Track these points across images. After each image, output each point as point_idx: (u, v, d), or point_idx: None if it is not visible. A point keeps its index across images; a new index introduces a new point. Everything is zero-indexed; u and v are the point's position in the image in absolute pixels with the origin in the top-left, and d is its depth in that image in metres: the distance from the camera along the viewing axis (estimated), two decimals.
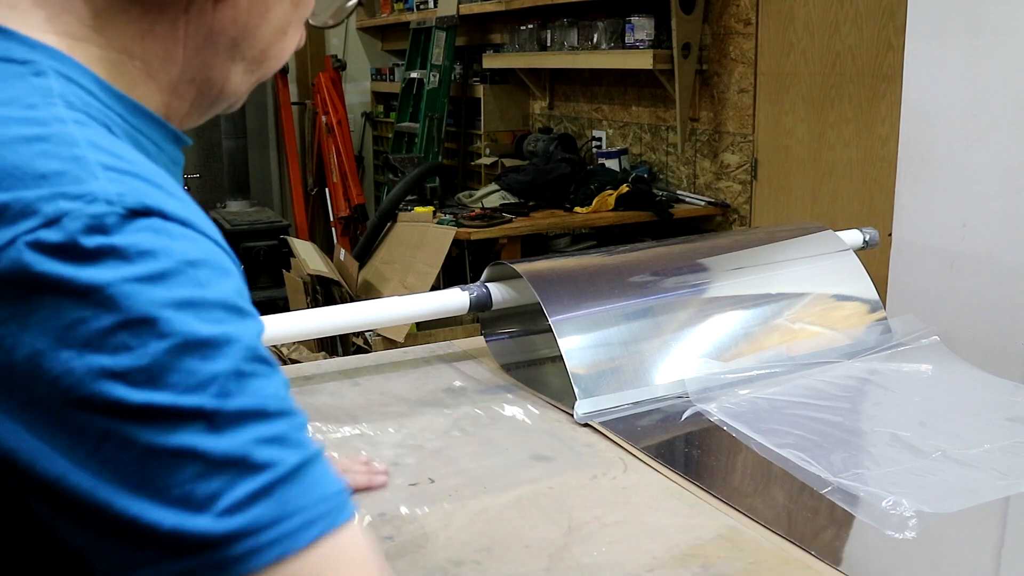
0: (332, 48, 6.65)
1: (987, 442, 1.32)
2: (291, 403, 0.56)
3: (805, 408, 1.45)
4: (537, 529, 1.11)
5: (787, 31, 3.53)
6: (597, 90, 4.80)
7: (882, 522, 1.11)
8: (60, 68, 0.59)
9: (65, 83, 0.58)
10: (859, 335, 1.70)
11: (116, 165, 0.54)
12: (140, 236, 0.52)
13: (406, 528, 1.11)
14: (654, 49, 3.91)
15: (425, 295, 1.69)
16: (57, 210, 0.50)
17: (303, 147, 6.62)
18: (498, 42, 5.25)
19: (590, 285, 1.59)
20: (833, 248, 1.84)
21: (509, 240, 3.83)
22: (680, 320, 1.60)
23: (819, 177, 3.45)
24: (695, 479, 1.23)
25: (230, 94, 0.73)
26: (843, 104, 3.32)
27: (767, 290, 1.71)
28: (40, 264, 0.49)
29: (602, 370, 1.49)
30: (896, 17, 3.01)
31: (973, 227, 2.23)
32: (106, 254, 0.50)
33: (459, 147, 5.66)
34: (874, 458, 1.29)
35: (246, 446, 0.52)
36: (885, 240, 2.33)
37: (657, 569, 1.02)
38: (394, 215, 4.13)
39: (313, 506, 0.53)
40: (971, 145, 2.22)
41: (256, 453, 0.52)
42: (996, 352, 2.14)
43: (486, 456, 1.29)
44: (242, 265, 1.21)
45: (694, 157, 4.13)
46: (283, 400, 0.56)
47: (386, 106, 6.55)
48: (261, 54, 0.72)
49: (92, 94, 0.60)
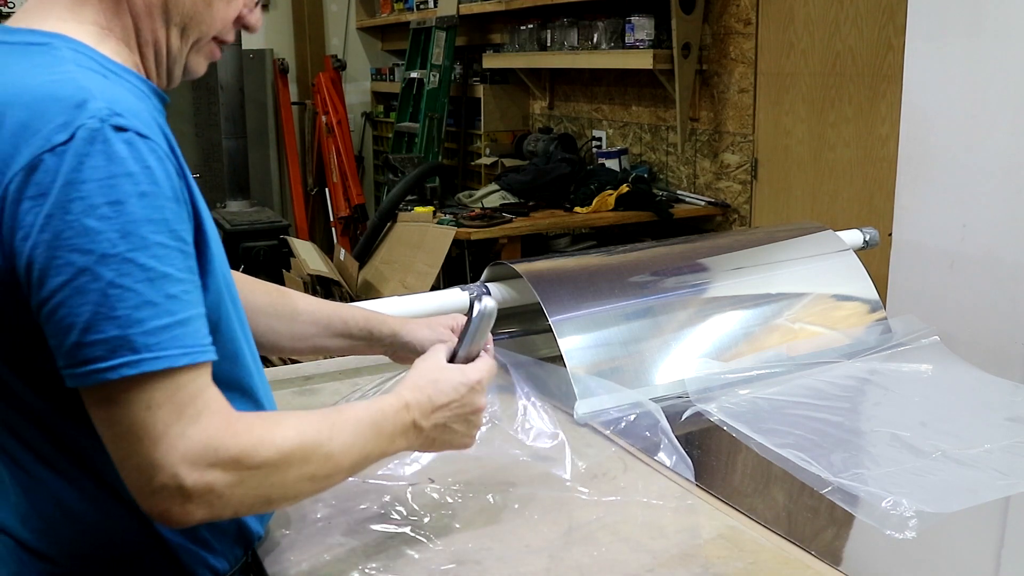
0: (332, 48, 6.66)
1: (987, 442, 1.32)
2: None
3: (805, 408, 1.45)
4: (537, 529, 1.11)
5: (787, 31, 3.53)
6: (597, 90, 4.80)
7: (882, 522, 1.11)
8: (68, 44, 0.88)
9: (73, 53, 0.87)
10: (859, 335, 1.70)
11: (108, 93, 0.84)
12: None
13: (406, 528, 1.11)
14: (654, 49, 3.91)
15: (425, 295, 1.69)
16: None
17: (303, 147, 6.62)
18: (498, 42, 5.24)
19: (590, 285, 1.59)
20: (833, 248, 1.84)
21: (509, 240, 3.83)
22: (680, 320, 1.60)
23: (819, 177, 3.45)
24: (695, 479, 1.23)
25: (175, 57, 0.97)
26: (843, 104, 3.32)
27: (767, 290, 1.71)
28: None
29: (602, 370, 1.49)
30: (896, 17, 3.01)
31: (973, 227, 2.23)
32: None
33: (459, 147, 5.66)
34: (874, 458, 1.29)
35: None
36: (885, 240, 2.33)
37: (657, 569, 1.02)
38: (394, 215, 4.13)
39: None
40: (971, 145, 2.22)
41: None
42: (996, 352, 2.14)
43: (486, 456, 1.29)
44: (242, 265, 1.25)
45: (694, 157, 4.13)
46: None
47: (386, 106, 6.55)
48: (190, 20, 0.96)
49: (91, 58, 0.88)
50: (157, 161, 0.83)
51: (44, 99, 0.82)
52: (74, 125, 0.80)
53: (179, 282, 0.83)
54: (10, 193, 0.80)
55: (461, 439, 1.08)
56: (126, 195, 0.80)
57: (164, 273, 0.82)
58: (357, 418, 0.97)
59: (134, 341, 0.80)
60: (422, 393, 1.04)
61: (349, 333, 1.31)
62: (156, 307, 0.81)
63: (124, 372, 0.80)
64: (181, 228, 0.85)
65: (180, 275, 0.83)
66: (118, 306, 0.79)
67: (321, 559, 1.04)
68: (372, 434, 0.97)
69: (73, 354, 0.80)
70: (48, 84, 0.83)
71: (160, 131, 0.86)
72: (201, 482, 0.82)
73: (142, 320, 0.80)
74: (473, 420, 1.08)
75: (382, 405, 1.01)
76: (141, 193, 0.81)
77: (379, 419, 0.99)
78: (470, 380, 1.07)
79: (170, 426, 0.82)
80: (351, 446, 0.95)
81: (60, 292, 0.79)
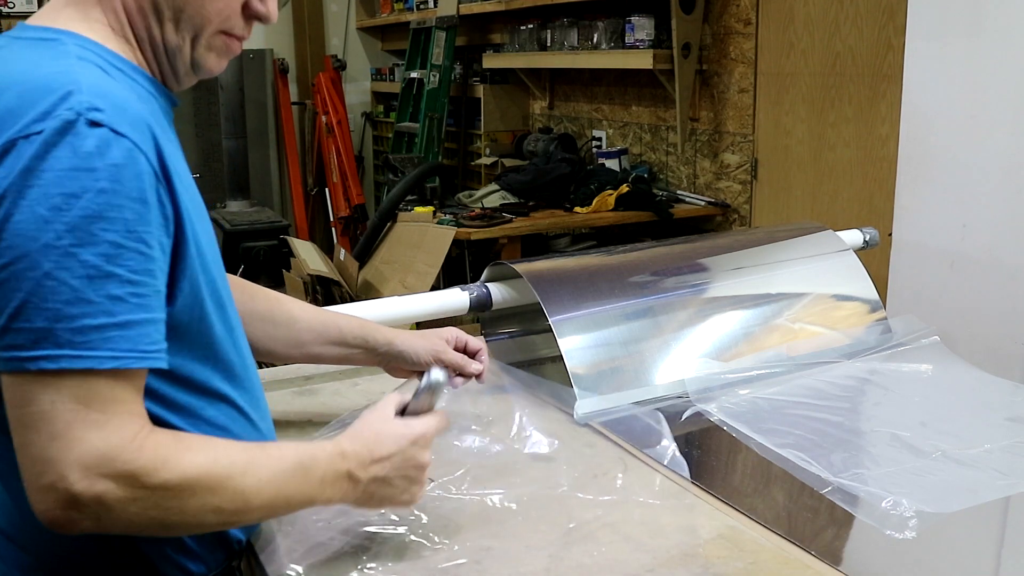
0: (332, 48, 6.65)
1: (987, 442, 1.32)
2: None
3: (805, 408, 1.45)
4: (537, 529, 1.11)
5: (787, 31, 3.53)
6: (597, 90, 4.79)
7: (882, 522, 1.11)
8: (75, 41, 0.91)
9: (79, 48, 0.90)
10: (859, 335, 1.70)
11: (96, 89, 0.84)
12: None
13: (406, 528, 1.11)
14: (654, 49, 3.91)
15: (425, 295, 1.69)
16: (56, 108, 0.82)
17: (303, 147, 6.62)
18: (498, 42, 5.24)
19: (590, 285, 1.59)
20: (833, 248, 1.84)
21: (509, 240, 3.83)
22: (680, 320, 1.60)
23: (819, 177, 3.45)
24: (695, 479, 1.23)
25: (174, 52, 0.97)
26: (843, 104, 3.32)
27: (767, 290, 1.71)
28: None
29: (602, 370, 1.49)
30: (896, 17, 3.01)
31: (973, 227, 2.23)
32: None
33: (459, 147, 5.66)
34: (874, 458, 1.29)
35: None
36: (885, 240, 2.33)
37: (657, 569, 1.02)
38: (394, 215, 4.12)
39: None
40: (971, 145, 2.22)
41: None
42: (996, 352, 2.14)
43: (486, 456, 1.29)
44: (242, 265, 1.26)
45: (694, 157, 4.13)
46: None
47: (386, 106, 6.54)
48: (180, 13, 0.95)
49: (97, 55, 0.91)
50: (128, 160, 0.82)
51: (35, 89, 0.83)
52: (52, 115, 0.81)
53: (128, 284, 0.82)
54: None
55: (401, 495, 1.01)
56: (83, 189, 0.80)
57: (109, 272, 0.81)
58: (282, 456, 0.93)
59: (58, 336, 0.79)
60: (362, 443, 0.99)
61: (344, 341, 1.30)
62: (91, 305, 0.80)
63: (42, 365, 0.79)
64: (143, 230, 0.83)
65: (131, 276, 0.82)
66: (49, 298, 0.79)
67: (320, 559, 1.04)
68: (297, 477, 0.93)
69: (0, 337, 0.80)
70: (44, 75, 0.84)
71: (149, 132, 0.86)
72: (90, 491, 0.80)
73: (72, 316, 0.79)
74: (415, 476, 1.02)
75: (315, 450, 0.96)
76: (100, 190, 0.80)
77: (308, 463, 0.94)
78: (414, 434, 1.02)
79: (71, 426, 0.80)
80: (267, 484, 0.90)
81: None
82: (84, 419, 0.80)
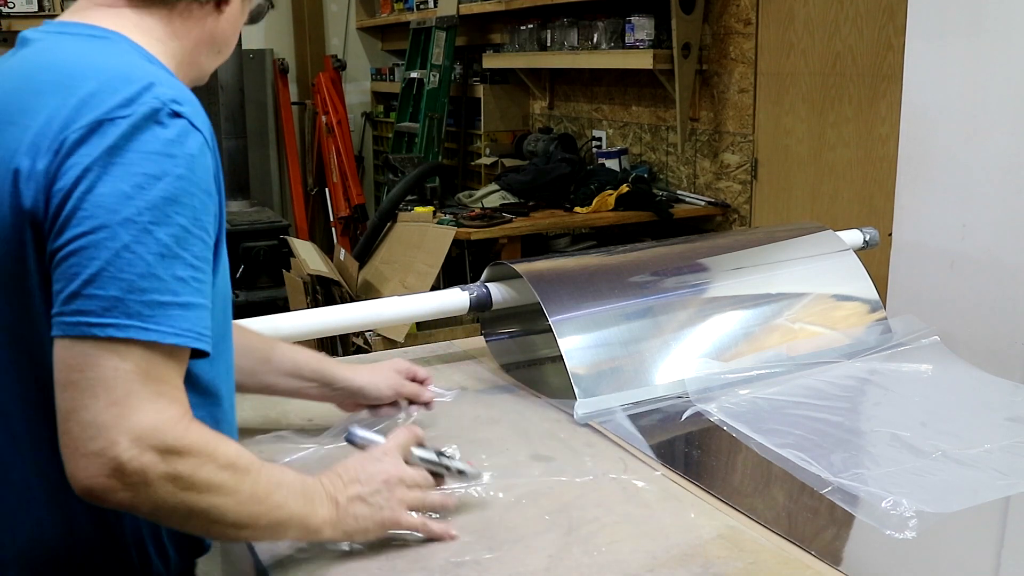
0: (332, 48, 6.65)
1: (987, 442, 1.32)
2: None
3: (805, 408, 1.45)
4: (537, 529, 1.11)
5: (787, 31, 3.53)
6: (597, 90, 4.79)
7: (882, 522, 1.11)
8: (127, 42, 0.97)
9: (133, 47, 0.97)
10: (859, 335, 1.70)
11: (172, 84, 0.93)
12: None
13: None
14: (654, 49, 3.91)
15: (425, 295, 1.69)
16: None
17: (303, 147, 6.62)
18: (498, 42, 5.24)
19: (590, 285, 1.59)
20: (833, 248, 1.84)
21: (509, 240, 3.83)
22: (680, 320, 1.60)
23: (819, 177, 3.45)
24: (695, 479, 1.23)
25: (205, 74, 1.08)
26: (843, 104, 3.32)
27: (767, 290, 1.71)
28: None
29: (602, 370, 1.49)
30: (896, 17, 3.01)
31: (973, 227, 2.23)
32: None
33: (459, 147, 5.65)
34: (874, 458, 1.29)
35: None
36: (885, 240, 2.33)
37: (657, 569, 1.02)
38: (394, 215, 4.12)
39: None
40: (971, 145, 2.22)
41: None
42: (996, 352, 2.14)
43: (487, 456, 1.29)
44: (242, 266, 1.29)
45: (694, 157, 4.13)
46: None
47: (386, 106, 6.54)
48: (225, 44, 1.07)
49: (149, 60, 0.97)
50: (200, 153, 0.90)
51: (116, 77, 0.89)
52: (138, 102, 0.87)
53: (190, 267, 0.87)
54: (65, 147, 0.86)
55: (382, 512, 1.03)
56: (163, 172, 0.86)
57: (177, 254, 0.86)
58: (282, 470, 0.99)
59: (130, 306, 0.83)
60: (332, 474, 1.03)
61: (300, 374, 1.31)
62: (160, 282, 0.84)
63: (111, 332, 0.83)
64: (207, 220, 0.89)
65: (194, 262, 0.87)
66: (126, 269, 0.83)
67: (320, 559, 1.04)
68: (295, 490, 0.97)
69: (69, 301, 0.83)
70: (119, 66, 0.91)
71: (211, 132, 0.94)
72: (137, 460, 0.82)
73: (144, 289, 0.84)
74: (391, 487, 1.04)
75: (299, 474, 1.00)
76: (178, 176, 0.87)
77: (301, 482, 0.99)
78: (373, 453, 1.07)
79: (130, 395, 0.83)
80: (277, 486, 0.94)
81: (77, 241, 0.83)
82: (142, 390, 0.84)
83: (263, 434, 1.37)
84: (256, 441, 1.34)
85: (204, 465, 0.86)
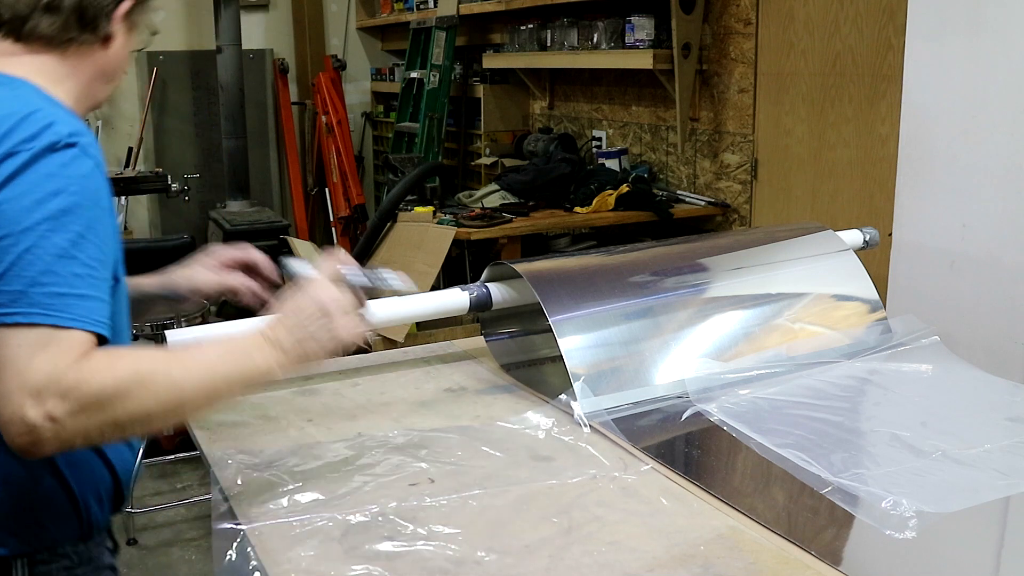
0: (332, 48, 6.65)
1: (987, 442, 1.32)
2: None
3: (805, 408, 1.45)
4: (537, 529, 1.11)
5: (787, 31, 3.53)
6: (597, 90, 4.79)
7: (882, 522, 1.11)
8: (28, 85, 1.12)
9: (35, 89, 1.12)
10: (859, 335, 1.70)
11: (67, 120, 1.07)
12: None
13: (406, 528, 1.11)
14: (654, 49, 3.91)
15: (425, 295, 1.69)
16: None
17: (303, 147, 6.61)
18: (498, 42, 5.24)
19: (590, 285, 1.59)
20: (833, 248, 1.84)
21: (509, 240, 3.83)
22: (680, 320, 1.60)
23: (819, 177, 3.45)
24: (695, 479, 1.23)
25: (100, 102, 1.23)
26: (843, 104, 3.32)
27: (767, 290, 1.71)
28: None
29: (602, 370, 1.49)
30: (896, 17, 3.01)
31: (973, 227, 2.23)
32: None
33: (459, 147, 5.65)
34: (874, 458, 1.29)
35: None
36: (885, 240, 2.33)
37: (657, 569, 1.02)
38: (394, 215, 4.12)
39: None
40: (971, 145, 2.22)
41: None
42: (996, 352, 2.14)
43: (486, 456, 1.29)
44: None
45: (694, 157, 4.13)
46: None
47: (386, 106, 6.53)
48: (116, 71, 1.22)
49: (48, 99, 1.11)
50: (92, 175, 1.05)
51: (22, 119, 1.04)
52: (39, 138, 1.03)
53: (86, 266, 1.01)
54: None
55: (326, 335, 1.14)
56: (59, 189, 1.01)
57: (73, 255, 1.00)
58: (202, 348, 1.15)
59: (33, 297, 0.97)
60: (273, 318, 1.14)
61: (142, 292, 1.43)
62: (59, 277, 0.99)
63: (17, 319, 0.97)
64: (99, 227, 1.04)
65: (88, 262, 1.02)
66: (27, 268, 0.98)
67: (320, 559, 1.04)
68: (221, 356, 1.09)
69: None
70: (23, 109, 1.06)
71: (102, 156, 1.09)
72: (40, 412, 0.94)
73: (45, 284, 0.98)
74: (328, 312, 1.14)
75: (231, 334, 1.16)
76: (72, 192, 1.02)
77: (227, 342, 1.14)
78: (304, 286, 1.16)
79: (30, 360, 0.95)
80: (194, 368, 1.05)
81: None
82: (40, 355, 0.96)
83: (263, 434, 1.37)
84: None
85: (105, 385, 0.97)
